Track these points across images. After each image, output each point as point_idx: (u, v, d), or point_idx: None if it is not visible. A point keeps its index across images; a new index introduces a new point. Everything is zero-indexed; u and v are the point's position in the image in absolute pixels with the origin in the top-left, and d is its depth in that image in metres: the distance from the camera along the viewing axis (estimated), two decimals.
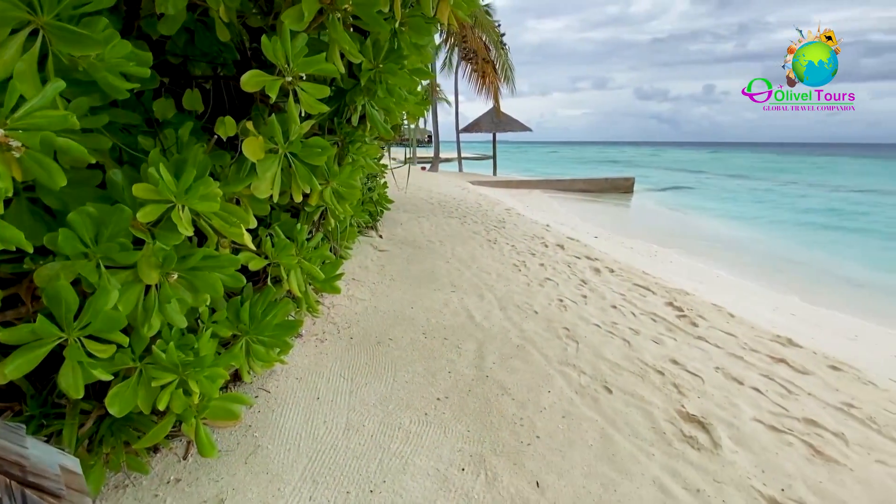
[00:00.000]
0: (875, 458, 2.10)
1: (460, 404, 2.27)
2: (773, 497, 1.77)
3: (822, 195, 21.95)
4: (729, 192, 23.18)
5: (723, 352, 3.14)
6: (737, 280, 6.95)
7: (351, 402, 2.22)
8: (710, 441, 2.10)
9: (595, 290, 4.39)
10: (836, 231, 12.98)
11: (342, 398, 2.25)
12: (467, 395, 2.35)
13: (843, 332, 4.68)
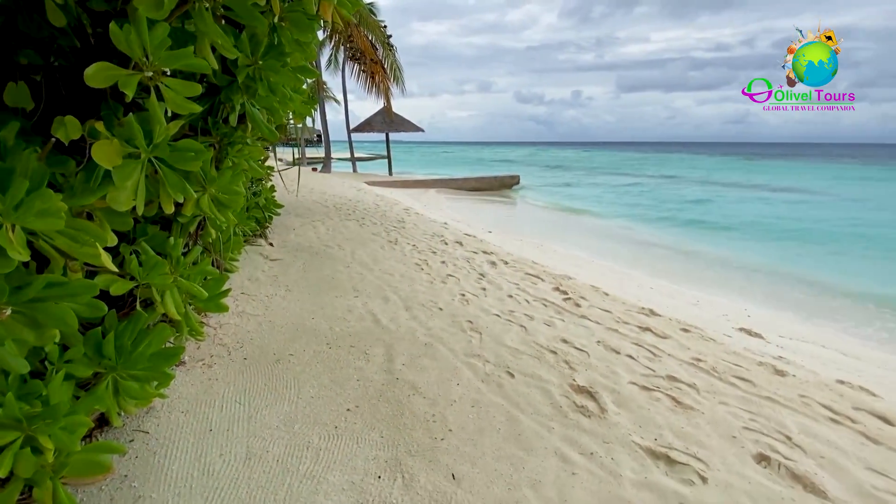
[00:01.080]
0: (719, 401, 2.57)
1: (371, 411, 2.23)
2: (649, 447, 2.07)
3: (674, 187, 26.07)
4: (599, 186, 26.30)
5: (602, 327, 3.57)
6: (608, 263, 7.93)
7: (250, 429, 2.03)
8: (597, 407, 2.37)
9: (493, 282, 4.64)
10: (684, 217, 15.54)
11: (240, 425, 2.05)
12: (378, 401, 2.32)
13: (688, 300, 5.63)
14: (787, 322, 5.52)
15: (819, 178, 32.20)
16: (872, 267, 9.21)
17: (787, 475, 1.96)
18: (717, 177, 32.71)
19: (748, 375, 2.92)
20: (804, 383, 2.94)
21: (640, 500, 1.74)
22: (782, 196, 21.66)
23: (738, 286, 7.33)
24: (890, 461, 2.14)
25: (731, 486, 1.85)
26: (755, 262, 9.15)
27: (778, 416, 2.44)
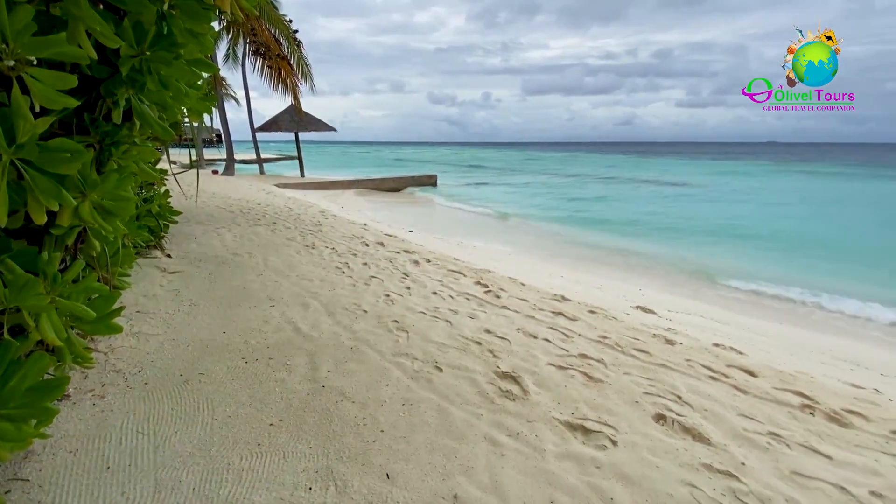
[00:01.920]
0: (623, 372, 2.87)
1: (297, 423, 2.13)
2: (568, 421, 2.25)
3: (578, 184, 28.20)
4: (511, 184, 27.65)
5: (520, 315, 3.78)
6: (523, 256, 8.41)
7: (158, 459, 1.84)
8: (520, 390, 2.52)
9: (417, 280, 4.68)
10: (587, 211, 16.94)
11: (144, 458, 1.84)
12: (304, 412, 2.23)
13: (593, 285, 6.18)
14: (673, 298, 6.32)
15: (694, 172, 37.12)
16: (739, 249, 10.87)
17: (680, 429, 2.26)
18: (614, 173, 36.22)
19: (645, 347, 3.30)
20: (689, 349, 3.39)
21: (562, 470, 1.89)
22: (669, 189, 24.65)
23: (635, 270, 8.21)
24: (755, 407, 2.57)
25: (636, 445, 2.09)
26: (648, 248, 10.31)
27: (670, 380, 2.79)
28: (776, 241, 11.36)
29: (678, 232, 12.61)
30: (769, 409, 2.54)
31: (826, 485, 1.92)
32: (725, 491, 1.83)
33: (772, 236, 12.13)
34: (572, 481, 1.83)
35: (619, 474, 1.89)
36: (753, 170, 39.35)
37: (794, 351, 4.07)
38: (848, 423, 2.46)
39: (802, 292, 6.91)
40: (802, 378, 3.09)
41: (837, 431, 2.37)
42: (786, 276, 7.94)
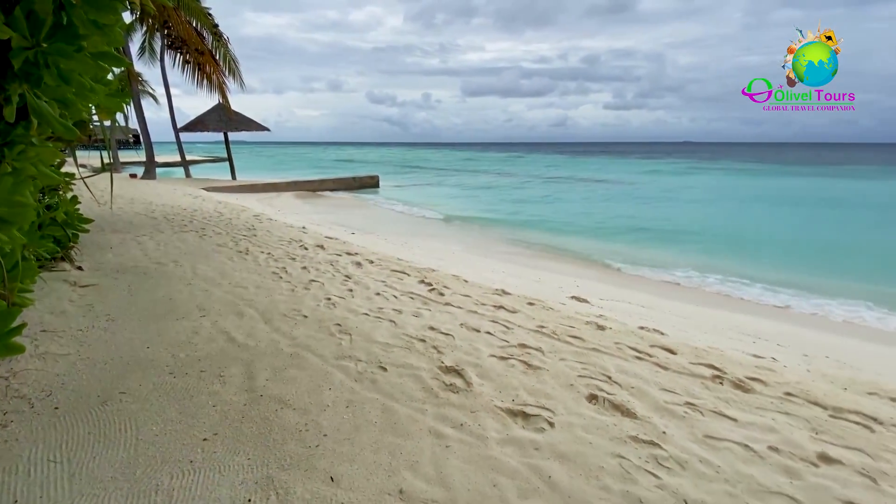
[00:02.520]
0: (559, 358, 3.04)
1: (234, 435, 2.04)
2: (509, 408, 2.35)
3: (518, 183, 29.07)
4: (454, 184, 27.98)
5: (463, 311, 3.87)
6: (466, 254, 8.57)
7: (74, 488, 1.68)
8: (464, 383, 2.59)
9: (359, 282, 4.62)
10: (527, 209, 17.54)
11: (58, 488, 1.68)
12: (241, 423, 2.13)
13: (532, 278, 6.45)
14: (606, 287, 6.76)
15: (624, 171, 39.69)
16: (664, 242, 11.79)
17: (610, 406, 2.44)
18: (551, 172, 37.82)
19: (579, 333, 3.51)
20: (618, 333, 3.66)
21: (504, 455, 1.98)
22: (603, 187, 26.18)
23: (572, 264, 8.66)
24: (674, 381, 2.83)
25: (571, 425, 2.23)
26: (584, 243, 10.92)
27: (601, 362, 3.00)
28: (696, 234, 12.50)
29: (611, 227, 13.47)
30: (686, 382, 2.81)
31: (732, 444, 2.17)
32: (649, 458, 2.01)
33: (692, 229, 13.32)
34: (514, 464, 1.92)
35: (557, 453, 2.01)
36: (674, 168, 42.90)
37: (708, 329, 4.52)
38: (750, 389, 2.79)
39: (719, 278, 7.67)
40: (714, 352, 3.45)
41: (742, 397, 2.68)
42: (703, 264, 8.77)
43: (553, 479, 1.84)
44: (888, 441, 2.31)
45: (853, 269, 8.64)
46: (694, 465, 1.98)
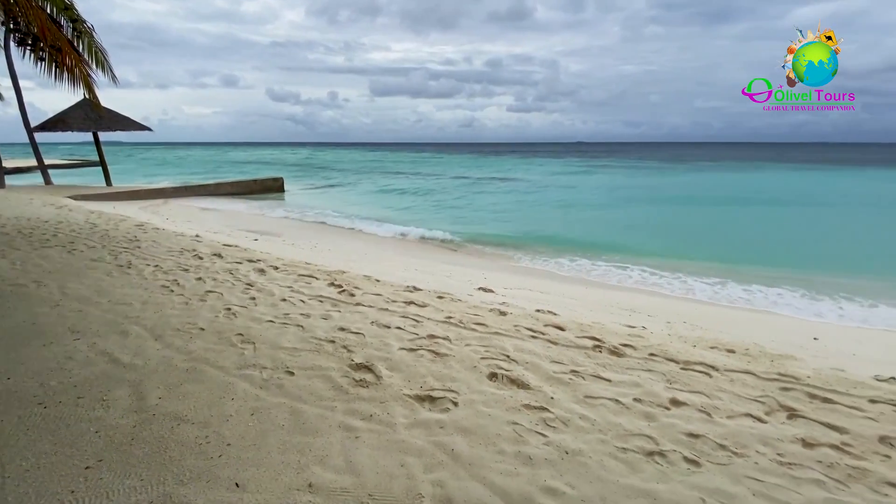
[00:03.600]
0: (465, 344, 3.26)
1: (123, 459, 1.90)
2: (417, 394, 2.49)
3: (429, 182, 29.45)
4: (364, 185, 27.55)
5: (374, 309, 3.93)
6: (378, 253, 8.58)
7: None
8: (374, 377, 2.67)
9: (263, 289, 4.44)
10: (439, 206, 17.91)
11: None
12: (131, 445, 1.99)
13: (444, 274, 6.70)
14: (511, 277, 7.25)
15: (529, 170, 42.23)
16: (566, 233, 12.87)
17: (508, 382, 2.70)
18: (462, 172, 38.95)
19: (483, 320, 3.78)
20: (517, 317, 4.00)
21: (411, 437, 2.11)
22: (510, 185, 27.62)
23: (481, 257, 9.11)
24: (563, 354, 3.20)
25: (474, 402, 2.43)
26: (494, 237, 11.52)
27: (502, 344, 3.28)
28: (592, 225, 13.85)
29: (519, 221, 14.36)
30: (572, 354, 3.20)
31: (606, 400, 2.54)
32: (539, 421, 2.28)
33: (589, 221, 14.73)
34: (420, 444, 2.06)
35: (460, 428, 2.19)
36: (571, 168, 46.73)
37: (593, 307, 5.12)
38: (622, 354, 3.26)
39: (603, 263, 8.63)
40: (596, 326, 3.94)
41: (615, 361, 3.13)
42: (596, 252, 9.78)
43: (456, 451, 2.01)
44: (721, 384, 2.88)
45: (712, 249, 10.29)
46: (575, 422, 2.29)
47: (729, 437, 2.23)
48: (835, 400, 2.68)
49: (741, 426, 2.34)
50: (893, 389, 2.98)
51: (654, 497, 1.78)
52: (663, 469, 1.97)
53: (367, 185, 27.13)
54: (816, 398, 2.70)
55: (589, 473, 1.90)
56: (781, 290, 6.83)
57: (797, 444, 2.19)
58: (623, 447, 2.10)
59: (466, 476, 1.86)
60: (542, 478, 1.86)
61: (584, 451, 2.05)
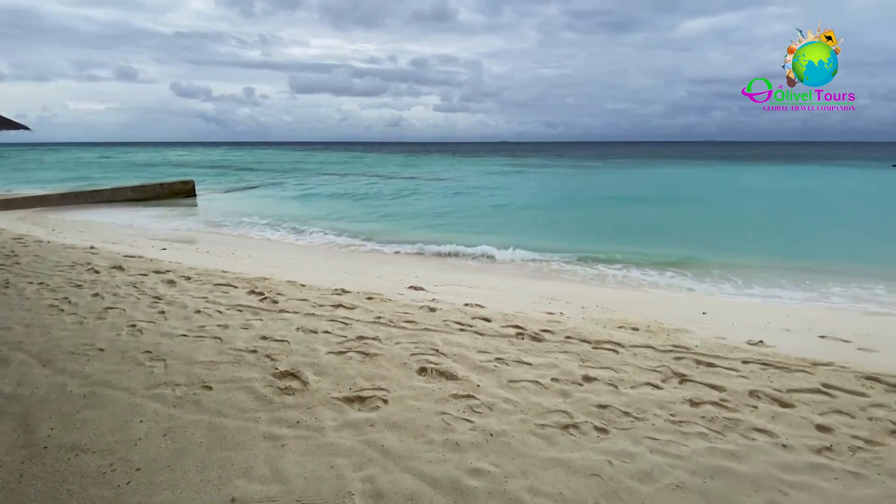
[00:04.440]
0: (395, 342, 3.29)
1: (12, 499, 1.69)
2: (346, 396, 2.48)
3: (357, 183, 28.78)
4: (286, 186, 26.27)
5: (300, 315, 3.82)
6: (304, 257, 8.29)
7: None
8: (300, 383, 2.61)
9: (174, 302, 4.11)
10: (368, 206, 17.60)
11: None
12: (20, 483, 1.77)
13: (374, 274, 6.65)
14: (441, 275, 7.39)
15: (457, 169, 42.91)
16: (494, 229, 13.29)
17: (437, 374, 2.78)
18: (391, 171, 38.60)
19: (413, 318, 3.84)
20: (447, 312, 4.11)
21: (340, 438, 2.10)
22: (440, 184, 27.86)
23: (412, 256, 9.15)
24: (489, 343, 3.36)
25: (404, 398, 2.48)
26: (424, 236, 11.59)
27: (431, 339, 3.36)
28: (520, 223, 14.47)
29: (450, 220, 14.59)
30: (497, 343, 3.37)
31: (527, 383, 2.72)
32: (465, 409, 2.39)
33: (515, 219, 15.36)
34: (350, 444, 2.06)
35: (390, 424, 2.23)
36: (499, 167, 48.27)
37: (518, 298, 5.41)
38: (542, 339, 3.50)
39: (527, 255, 9.09)
40: (520, 315, 4.18)
41: (536, 346, 3.35)
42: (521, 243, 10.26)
43: (385, 446, 2.05)
44: (626, 358, 3.21)
45: (624, 239, 11.27)
46: (499, 406, 2.43)
47: (632, 404, 2.51)
48: (716, 364, 3.12)
49: (642, 394, 2.64)
50: (760, 351, 3.52)
51: (568, 465, 1.96)
52: (577, 439, 2.16)
53: (291, 186, 25.91)
54: (702, 364, 3.12)
55: (511, 451, 2.04)
56: (674, 273, 7.70)
57: (686, 404, 2.53)
58: (542, 424, 2.27)
59: (396, 469, 1.91)
60: (469, 461, 1.96)
61: (507, 431, 2.19)
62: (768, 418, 2.40)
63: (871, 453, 2.12)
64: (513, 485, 1.82)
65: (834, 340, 4.05)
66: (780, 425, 2.33)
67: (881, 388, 2.84)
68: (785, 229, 12.67)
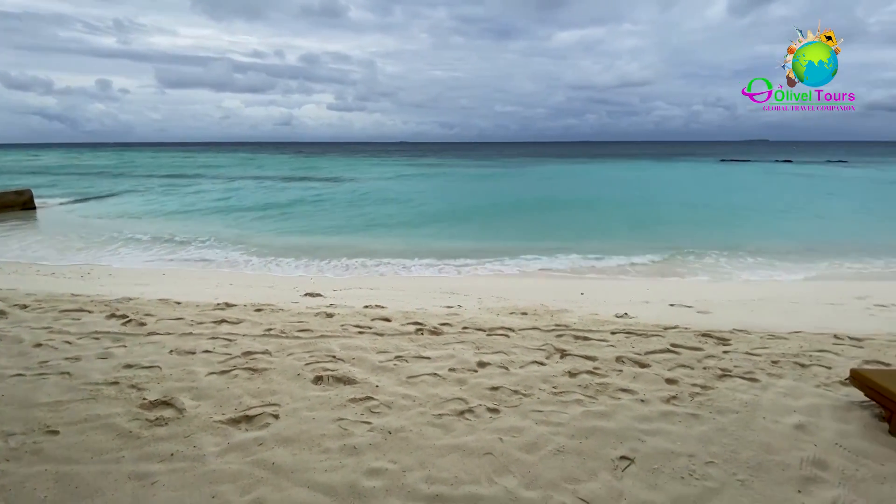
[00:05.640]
0: (287, 354, 3.11)
1: None
2: (230, 418, 2.28)
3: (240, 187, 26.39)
4: (152, 192, 23.16)
5: (174, 336, 3.41)
6: (183, 268, 7.42)
7: None
8: (175, 412, 2.34)
9: (4, 336, 3.38)
10: (256, 211, 16.27)
11: None
12: None
13: (265, 284, 6.22)
14: (341, 278, 7.17)
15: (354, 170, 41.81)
16: (390, 232, 13.19)
17: (334, 381, 2.70)
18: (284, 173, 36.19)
19: (308, 326, 3.67)
20: (345, 316, 4.01)
21: (224, 464, 1.93)
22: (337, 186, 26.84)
23: (312, 261, 8.70)
24: (388, 343, 3.35)
25: (297, 410, 2.36)
26: (323, 240, 11.11)
27: (328, 346, 3.25)
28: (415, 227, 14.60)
29: (347, 223, 14.17)
30: (397, 341, 3.39)
31: (426, 376, 2.78)
32: (364, 411, 2.36)
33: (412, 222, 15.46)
34: (235, 468, 1.90)
35: (281, 439, 2.10)
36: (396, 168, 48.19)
37: (419, 295, 5.49)
38: (441, 332, 3.60)
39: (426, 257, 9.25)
40: (419, 312, 4.25)
41: (435, 339, 3.44)
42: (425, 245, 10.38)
43: (277, 463, 1.93)
44: (516, 341, 3.45)
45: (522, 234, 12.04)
46: (398, 403, 2.45)
47: (520, 383, 2.71)
48: (590, 337, 3.51)
49: (529, 372, 2.86)
50: (625, 321, 4.05)
51: (463, 449, 2.05)
52: (472, 423, 2.27)
53: (165, 193, 22.89)
54: (579, 338, 3.49)
55: (409, 445, 2.07)
56: (560, 258, 8.49)
57: (566, 376, 2.81)
58: (440, 414, 2.34)
59: (289, 485, 1.81)
60: (367, 462, 1.94)
61: (405, 426, 2.22)
62: (630, 378, 2.78)
63: (706, 396, 2.57)
64: (410, 477, 1.85)
65: (680, 307, 4.83)
66: (639, 383, 2.71)
67: (712, 342, 3.47)
68: (642, 215, 14.70)
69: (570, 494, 1.77)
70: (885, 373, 2.44)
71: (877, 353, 3.33)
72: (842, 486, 1.85)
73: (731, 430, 2.23)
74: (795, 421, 2.30)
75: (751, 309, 4.86)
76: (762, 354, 3.20)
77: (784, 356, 3.18)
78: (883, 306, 5.06)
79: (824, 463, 1.98)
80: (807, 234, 11.23)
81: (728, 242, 9.91)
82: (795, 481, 1.88)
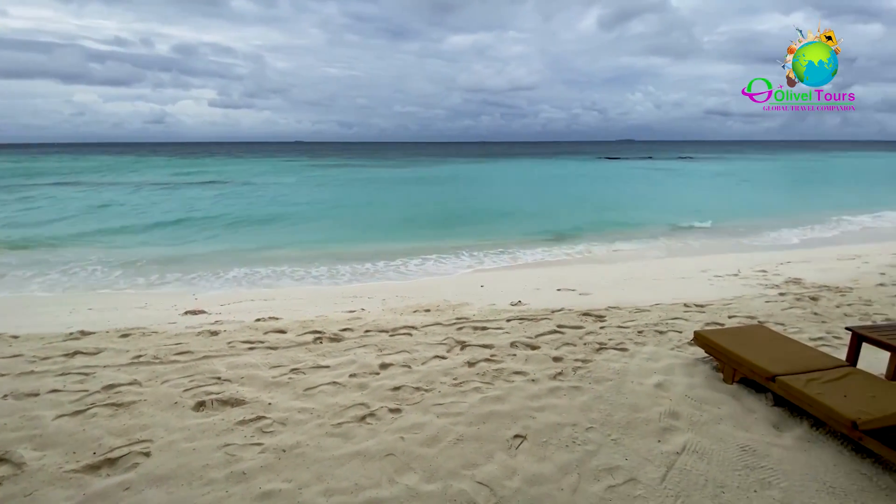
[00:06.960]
0: (161, 381, 2.75)
1: None
2: (87, 464, 1.94)
3: (99, 193, 22.62)
4: None
5: (9, 377, 2.81)
6: (21, 296, 6.16)
7: None
8: (12, 467, 1.93)
9: None
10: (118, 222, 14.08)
11: None
12: None
13: (135, 305, 5.44)
14: (229, 291, 6.56)
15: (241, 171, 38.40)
16: (287, 237, 12.39)
17: (219, 405, 2.46)
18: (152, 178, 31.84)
19: (188, 348, 3.29)
20: (232, 332, 3.68)
21: None
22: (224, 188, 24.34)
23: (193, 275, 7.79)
24: (283, 356, 3.15)
25: (173, 443, 2.10)
26: (203, 250, 10.01)
27: (212, 367, 2.95)
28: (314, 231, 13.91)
29: (232, 229, 12.97)
30: (293, 353, 3.20)
31: (325, 386, 2.67)
32: (255, 432, 2.19)
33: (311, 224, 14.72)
34: None
35: (154, 478, 1.86)
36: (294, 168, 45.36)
37: (319, 303, 5.25)
38: (341, 338, 3.48)
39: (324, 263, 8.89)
40: (319, 320, 4.07)
41: (335, 346, 3.32)
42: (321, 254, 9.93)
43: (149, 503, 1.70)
44: (419, 339, 3.48)
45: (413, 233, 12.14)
46: (294, 418, 2.32)
47: (423, 379, 2.74)
48: (488, 327, 3.69)
49: (431, 367, 2.91)
50: (519, 309, 4.33)
51: (364, 454, 2.01)
52: (373, 426, 2.24)
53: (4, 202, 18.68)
54: (478, 329, 3.64)
55: (306, 461, 1.97)
56: (461, 255, 8.79)
57: (465, 366, 2.91)
58: (339, 423, 2.27)
59: None
60: (258, 486, 1.80)
61: (301, 442, 2.10)
62: (523, 361, 2.98)
63: (586, 369, 2.86)
64: (307, 494, 1.76)
65: (566, 291, 5.31)
66: (530, 365, 2.92)
67: (591, 320, 3.86)
68: (538, 208, 15.88)
69: (468, 480, 1.84)
70: (717, 332, 2.95)
71: (714, 315, 4.02)
72: (690, 430, 2.20)
73: (607, 396, 2.51)
74: (656, 381, 2.67)
75: (622, 288, 5.53)
76: (630, 326, 3.66)
77: (647, 326, 3.67)
78: (719, 276, 6.12)
79: (677, 413, 2.33)
80: (667, 217, 13.13)
81: (606, 229, 11.16)
82: (656, 433, 2.18)
